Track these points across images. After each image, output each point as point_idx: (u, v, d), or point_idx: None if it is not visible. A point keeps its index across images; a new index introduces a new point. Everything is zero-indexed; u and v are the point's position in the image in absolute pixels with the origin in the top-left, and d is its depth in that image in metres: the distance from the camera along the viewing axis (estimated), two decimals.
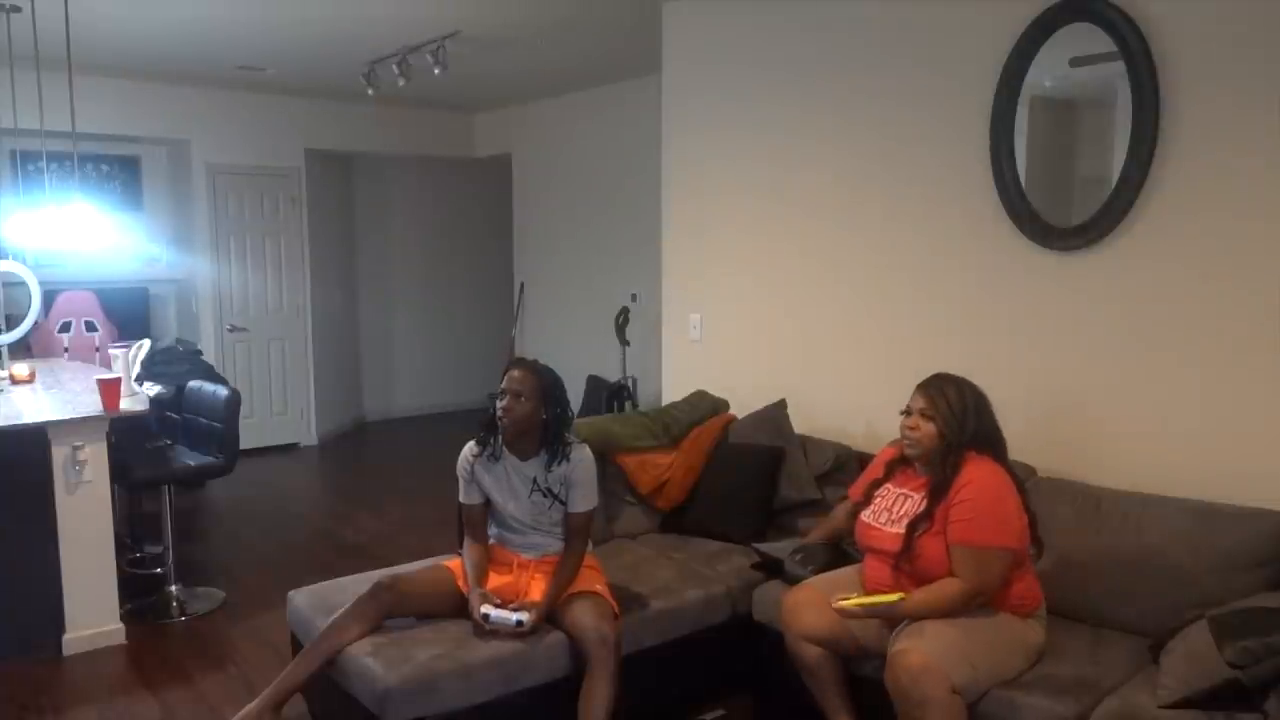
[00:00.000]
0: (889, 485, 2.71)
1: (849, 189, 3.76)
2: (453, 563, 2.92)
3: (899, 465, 2.71)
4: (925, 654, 2.29)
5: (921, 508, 2.52)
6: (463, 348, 8.92)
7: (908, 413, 2.59)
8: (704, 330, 4.49)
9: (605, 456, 3.44)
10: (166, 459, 4.24)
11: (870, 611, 2.48)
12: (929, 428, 2.52)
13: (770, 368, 4.12)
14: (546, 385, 2.85)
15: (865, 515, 2.71)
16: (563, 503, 2.87)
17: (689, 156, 4.51)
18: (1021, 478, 2.62)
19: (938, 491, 2.50)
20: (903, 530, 2.53)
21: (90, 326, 6.29)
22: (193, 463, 4.19)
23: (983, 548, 2.42)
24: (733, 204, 4.29)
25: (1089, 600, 2.71)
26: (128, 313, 6.67)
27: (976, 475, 2.47)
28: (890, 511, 2.63)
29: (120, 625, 3.75)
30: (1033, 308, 3.18)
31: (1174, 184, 2.79)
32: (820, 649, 2.63)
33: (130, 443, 4.13)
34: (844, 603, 2.51)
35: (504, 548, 2.92)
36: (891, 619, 2.47)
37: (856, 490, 2.84)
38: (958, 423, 2.50)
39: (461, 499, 2.95)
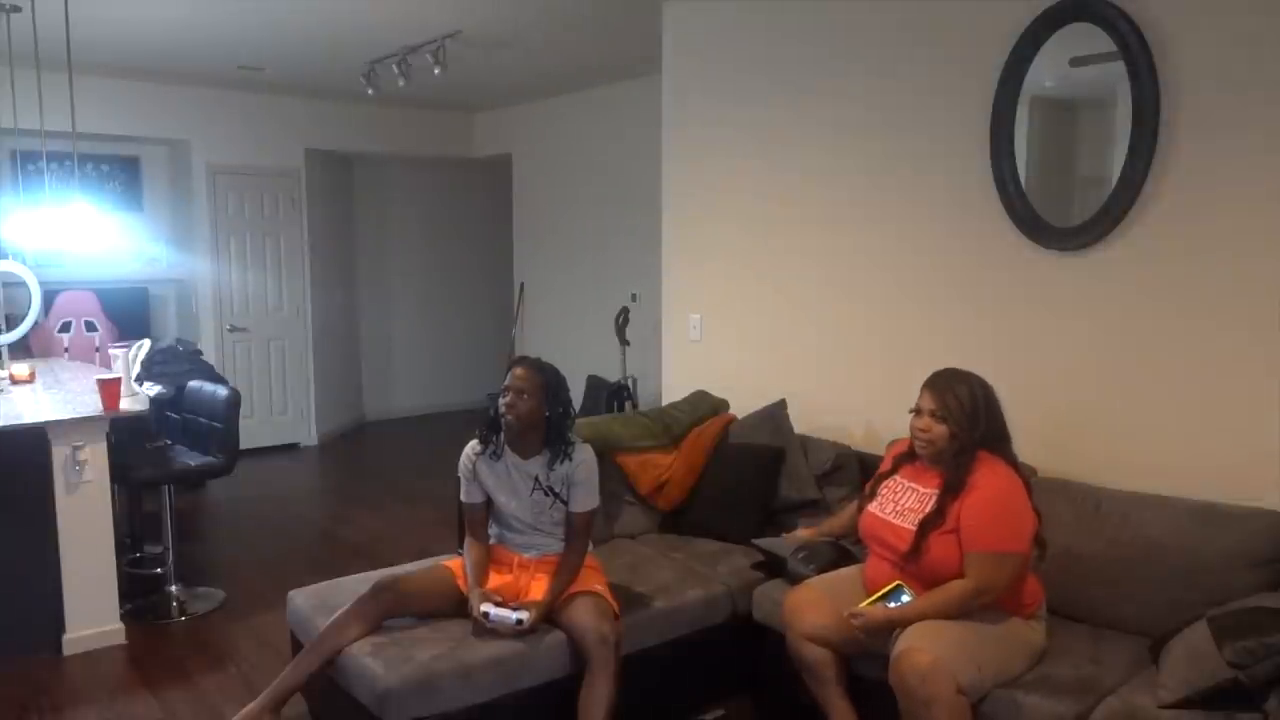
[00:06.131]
0: (896, 477, 2.71)
1: (848, 188, 3.76)
2: (453, 562, 2.92)
3: (907, 458, 2.70)
4: (933, 653, 2.29)
5: (931, 506, 2.51)
6: (463, 348, 8.92)
7: (917, 412, 2.57)
8: (704, 330, 4.49)
9: (605, 456, 3.44)
10: (166, 459, 4.24)
11: (888, 619, 2.45)
12: (940, 429, 2.50)
13: (770, 368, 4.12)
14: (549, 383, 2.86)
15: (872, 507, 2.70)
16: (564, 502, 2.87)
17: (689, 156, 4.51)
18: (1026, 478, 2.61)
19: (949, 490, 2.48)
20: (912, 527, 2.52)
21: (90, 326, 6.29)
22: (193, 463, 4.19)
23: (997, 553, 2.41)
24: (732, 204, 4.29)
25: (1089, 600, 2.71)
26: (128, 313, 6.66)
27: (990, 478, 2.46)
28: (897, 503, 2.63)
29: (120, 625, 3.75)
30: (1032, 308, 3.18)
31: (1174, 184, 2.79)
32: (822, 649, 2.63)
33: (130, 443, 4.13)
34: (859, 608, 2.49)
35: (505, 547, 2.92)
36: (902, 623, 2.45)
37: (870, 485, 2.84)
38: (969, 422, 2.48)
39: (463, 498, 2.95)
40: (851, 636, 2.55)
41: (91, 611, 3.67)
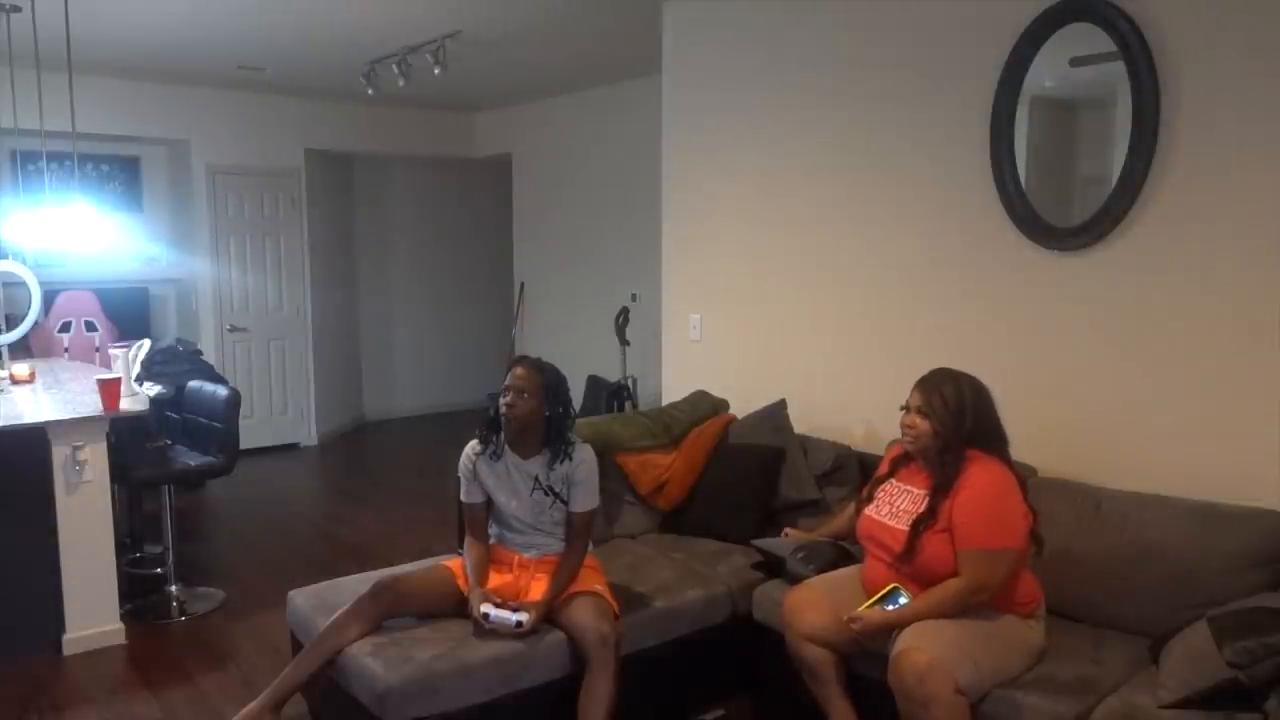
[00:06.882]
0: (893, 480, 2.72)
1: (849, 188, 3.76)
2: (453, 562, 2.92)
3: (903, 462, 2.72)
4: (931, 653, 2.29)
5: (924, 505, 2.52)
6: (463, 348, 8.93)
7: (906, 409, 2.60)
8: (704, 330, 4.49)
9: (605, 456, 3.43)
10: (166, 459, 4.24)
11: (885, 621, 2.47)
12: (924, 425, 2.53)
13: (770, 368, 4.12)
14: (550, 383, 2.86)
15: (869, 510, 2.71)
16: (564, 502, 2.87)
17: (689, 156, 4.51)
18: (1023, 477, 2.62)
19: (939, 489, 2.50)
20: (906, 528, 2.53)
21: (90, 326, 6.29)
22: (193, 463, 4.19)
23: (989, 550, 2.42)
24: (732, 203, 4.29)
25: (1089, 600, 2.71)
26: (128, 313, 6.67)
27: (979, 477, 2.47)
28: (892, 505, 2.64)
29: (120, 625, 3.75)
30: (1032, 307, 3.18)
31: (1174, 184, 2.79)
32: (822, 648, 2.63)
33: (130, 443, 4.13)
34: (858, 612, 2.51)
35: (505, 547, 2.92)
36: (900, 625, 2.46)
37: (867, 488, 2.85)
38: (953, 421, 2.50)
39: (463, 498, 2.95)
40: (851, 636, 2.55)
41: (91, 611, 3.67)
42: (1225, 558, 2.51)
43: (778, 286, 4.10)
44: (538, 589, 2.80)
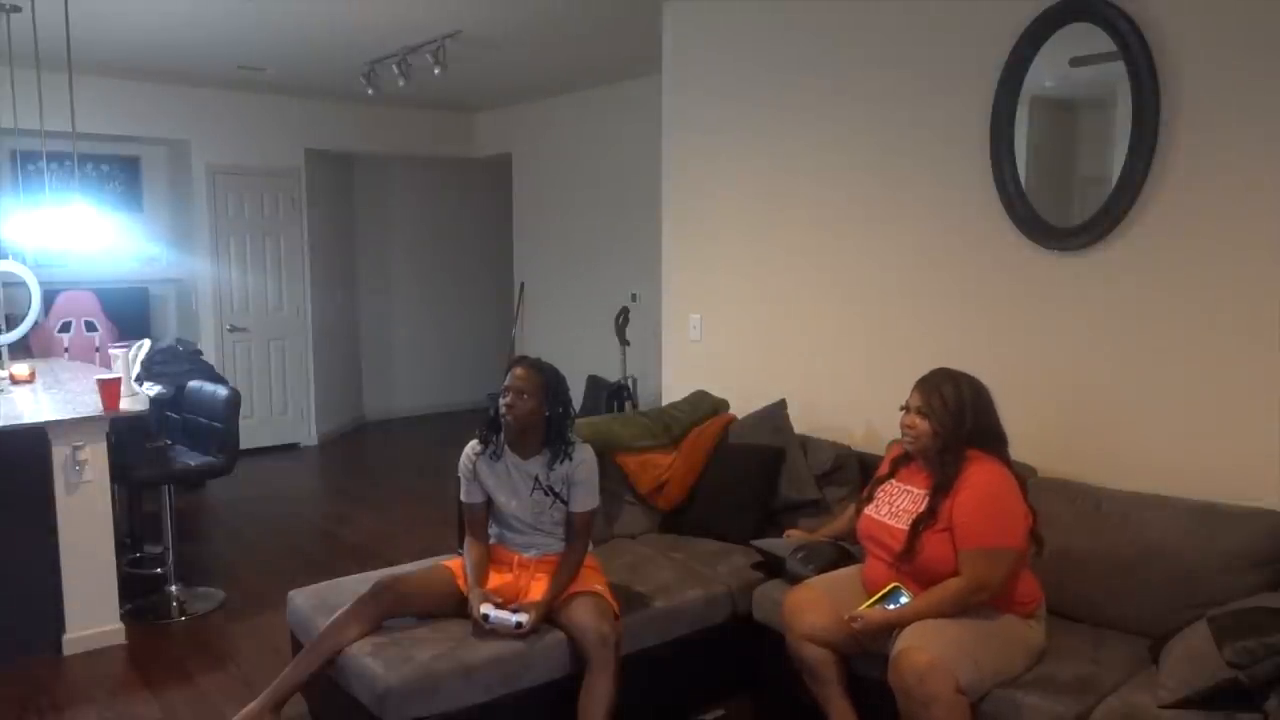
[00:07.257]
0: (893, 481, 2.72)
1: (849, 188, 3.76)
2: (453, 562, 2.93)
3: (903, 462, 2.72)
4: (931, 653, 2.29)
5: (924, 505, 2.53)
6: (463, 348, 8.93)
7: (906, 409, 2.60)
8: (704, 330, 4.49)
9: (605, 456, 3.43)
10: (166, 459, 4.24)
11: (886, 621, 2.47)
12: (924, 425, 2.54)
13: (770, 368, 4.12)
14: (550, 383, 2.86)
15: (869, 510, 2.72)
16: (564, 502, 2.87)
17: (689, 156, 4.51)
18: (1022, 477, 2.62)
19: (940, 489, 2.50)
20: (906, 527, 2.53)
21: (90, 326, 6.30)
22: (193, 463, 4.19)
23: (989, 550, 2.42)
24: (733, 204, 4.29)
25: (1089, 600, 2.71)
26: (128, 313, 6.67)
27: (979, 476, 2.47)
28: (892, 505, 2.64)
29: (120, 625, 3.75)
30: (1032, 308, 3.18)
31: (1174, 184, 2.79)
32: (822, 649, 2.63)
33: (130, 443, 4.13)
34: (858, 610, 2.51)
35: (505, 547, 2.92)
36: (900, 624, 2.46)
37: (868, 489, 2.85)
38: (953, 421, 2.50)
39: (463, 498, 2.95)
40: (851, 636, 2.55)
41: (91, 611, 3.67)
42: (1225, 558, 2.51)
43: (778, 286, 4.10)
44: (538, 589, 2.80)
